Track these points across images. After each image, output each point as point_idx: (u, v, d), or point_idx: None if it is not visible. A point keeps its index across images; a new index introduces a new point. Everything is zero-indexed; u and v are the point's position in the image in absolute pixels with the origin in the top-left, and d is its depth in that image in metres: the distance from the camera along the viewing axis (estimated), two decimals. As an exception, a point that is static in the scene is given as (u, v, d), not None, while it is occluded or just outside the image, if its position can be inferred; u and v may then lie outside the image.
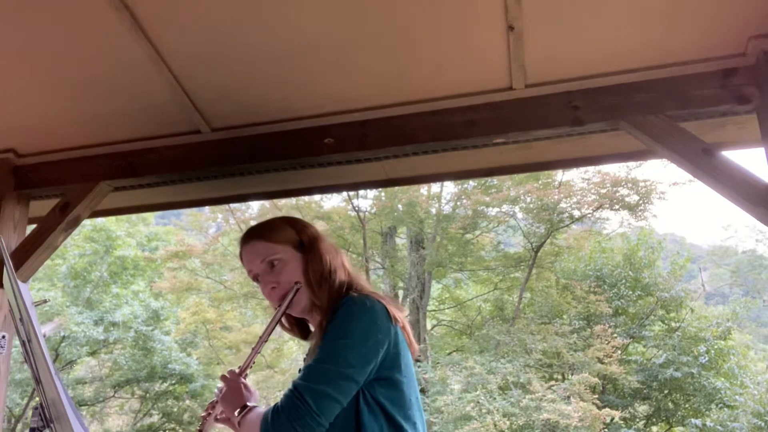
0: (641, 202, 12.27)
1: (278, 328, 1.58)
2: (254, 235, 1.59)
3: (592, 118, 1.79)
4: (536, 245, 12.73)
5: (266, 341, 1.56)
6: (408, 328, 1.48)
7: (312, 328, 1.61)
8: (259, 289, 1.59)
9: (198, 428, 1.54)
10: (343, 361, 1.31)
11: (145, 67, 1.85)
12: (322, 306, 1.47)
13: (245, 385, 1.50)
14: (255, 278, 1.57)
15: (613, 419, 10.50)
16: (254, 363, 1.56)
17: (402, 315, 1.47)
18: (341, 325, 1.36)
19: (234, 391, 1.48)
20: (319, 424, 1.28)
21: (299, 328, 1.66)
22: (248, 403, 1.44)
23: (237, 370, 1.52)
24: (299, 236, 1.57)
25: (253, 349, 1.53)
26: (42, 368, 1.36)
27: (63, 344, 13.01)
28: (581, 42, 1.72)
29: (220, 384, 1.52)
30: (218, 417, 1.51)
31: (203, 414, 1.55)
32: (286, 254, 1.53)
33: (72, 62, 1.87)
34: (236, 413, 1.44)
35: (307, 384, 1.30)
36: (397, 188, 12.05)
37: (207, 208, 14.63)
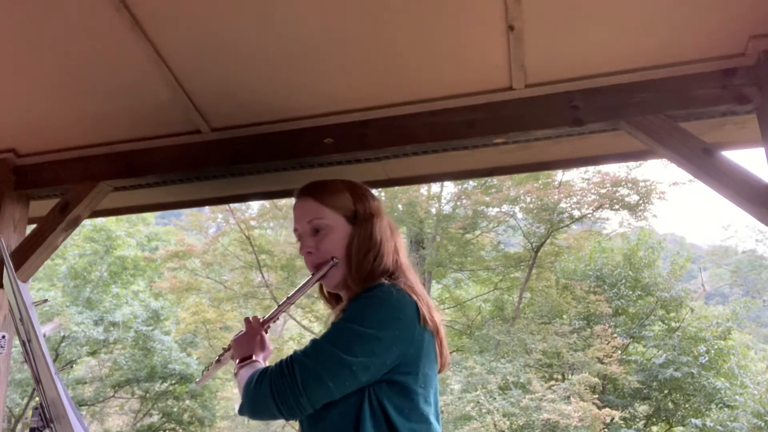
0: (641, 202, 12.27)
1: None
2: (308, 192, 1.47)
3: (592, 118, 1.78)
4: (536, 245, 12.73)
5: (293, 303, 1.50)
6: (443, 334, 1.35)
7: None
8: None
9: (216, 358, 1.51)
10: (346, 348, 1.19)
11: (145, 67, 1.85)
12: (353, 288, 1.36)
13: (262, 338, 1.44)
14: (299, 237, 1.47)
15: (613, 419, 10.51)
16: (277, 319, 1.50)
17: (438, 318, 1.33)
18: (359, 309, 1.26)
19: (249, 338, 1.43)
20: (300, 403, 1.19)
21: (336, 300, 1.54)
22: (254, 356, 1.38)
23: (261, 320, 1.47)
24: (355, 206, 1.43)
25: (279, 305, 1.48)
26: (42, 368, 1.36)
27: (63, 344, 13.01)
28: (581, 42, 1.72)
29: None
30: (233, 356, 1.46)
31: (224, 347, 1.51)
32: (334, 222, 1.41)
33: (72, 62, 1.87)
34: (238, 363, 1.39)
35: (302, 358, 1.22)
36: (397, 188, 12.06)
37: (207, 208, 14.64)
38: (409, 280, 1.37)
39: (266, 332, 1.49)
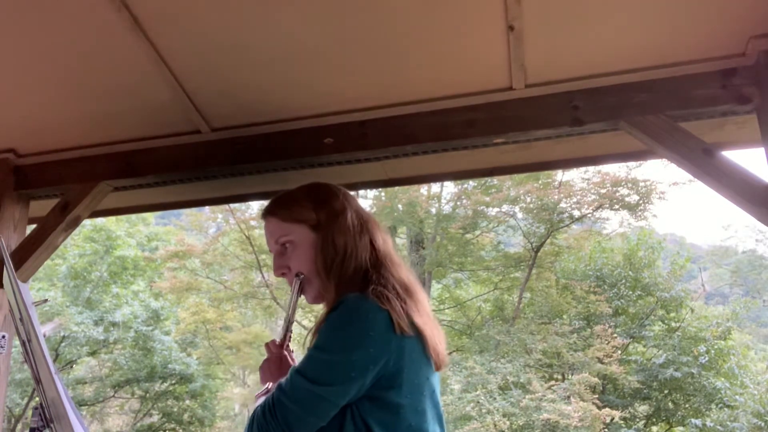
0: (641, 202, 12.28)
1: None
2: (269, 211, 1.46)
3: (592, 118, 1.78)
4: (536, 245, 12.74)
5: (293, 321, 1.50)
6: (429, 335, 1.27)
7: None
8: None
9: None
10: (321, 379, 1.17)
11: (145, 67, 1.85)
12: (327, 300, 1.34)
13: (283, 360, 1.44)
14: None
15: (613, 419, 10.51)
16: (291, 336, 1.50)
17: (422, 321, 1.26)
18: (328, 334, 1.23)
19: (269, 364, 1.43)
20: None
21: None
22: (270, 385, 1.37)
23: (278, 342, 1.47)
24: (317, 214, 1.39)
25: (285, 327, 1.48)
26: (42, 368, 1.36)
27: (63, 344, 13.01)
28: (581, 42, 1.72)
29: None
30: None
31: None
32: (298, 236, 1.39)
33: (72, 62, 1.87)
34: (257, 392, 1.39)
35: (282, 399, 1.20)
36: (397, 188, 12.07)
37: (207, 208, 14.64)
38: (384, 279, 1.29)
39: (287, 350, 1.48)
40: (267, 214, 1.47)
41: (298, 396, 1.18)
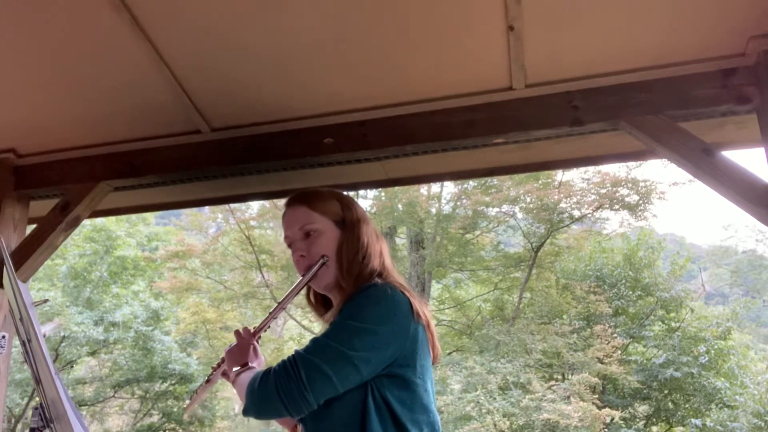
0: (641, 202, 12.28)
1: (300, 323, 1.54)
2: (299, 200, 1.54)
3: (592, 118, 1.78)
4: (536, 245, 12.74)
5: (284, 308, 1.53)
6: (433, 327, 1.41)
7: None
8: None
9: (206, 379, 1.55)
10: (347, 343, 1.23)
11: (145, 67, 1.85)
12: (346, 288, 1.41)
13: (254, 348, 1.48)
14: (290, 245, 1.53)
15: (613, 419, 10.52)
16: (269, 327, 1.54)
17: (428, 312, 1.40)
18: (356, 307, 1.30)
19: (241, 349, 1.46)
20: (305, 398, 1.22)
21: (324, 307, 1.60)
22: (250, 363, 1.43)
23: (251, 330, 1.51)
24: (343, 213, 1.51)
25: (270, 313, 1.52)
26: (42, 368, 1.36)
27: (63, 344, 13.01)
28: (581, 42, 1.72)
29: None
30: (225, 371, 1.51)
31: (213, 366, 1.55)
32: (324, 226, 1.48)
33: (72, 62, 1.87)
34: (234, 370, 1.42)
35: (305, 355, 1.25)
36: (397, 188, 12.06)
37: (207, 208, 14.64)
38: (397, 280, 1.42)
39: (258, 342, 1.52)
40: (295, 202, 1.55)
41: (326, 354, 1.24)
